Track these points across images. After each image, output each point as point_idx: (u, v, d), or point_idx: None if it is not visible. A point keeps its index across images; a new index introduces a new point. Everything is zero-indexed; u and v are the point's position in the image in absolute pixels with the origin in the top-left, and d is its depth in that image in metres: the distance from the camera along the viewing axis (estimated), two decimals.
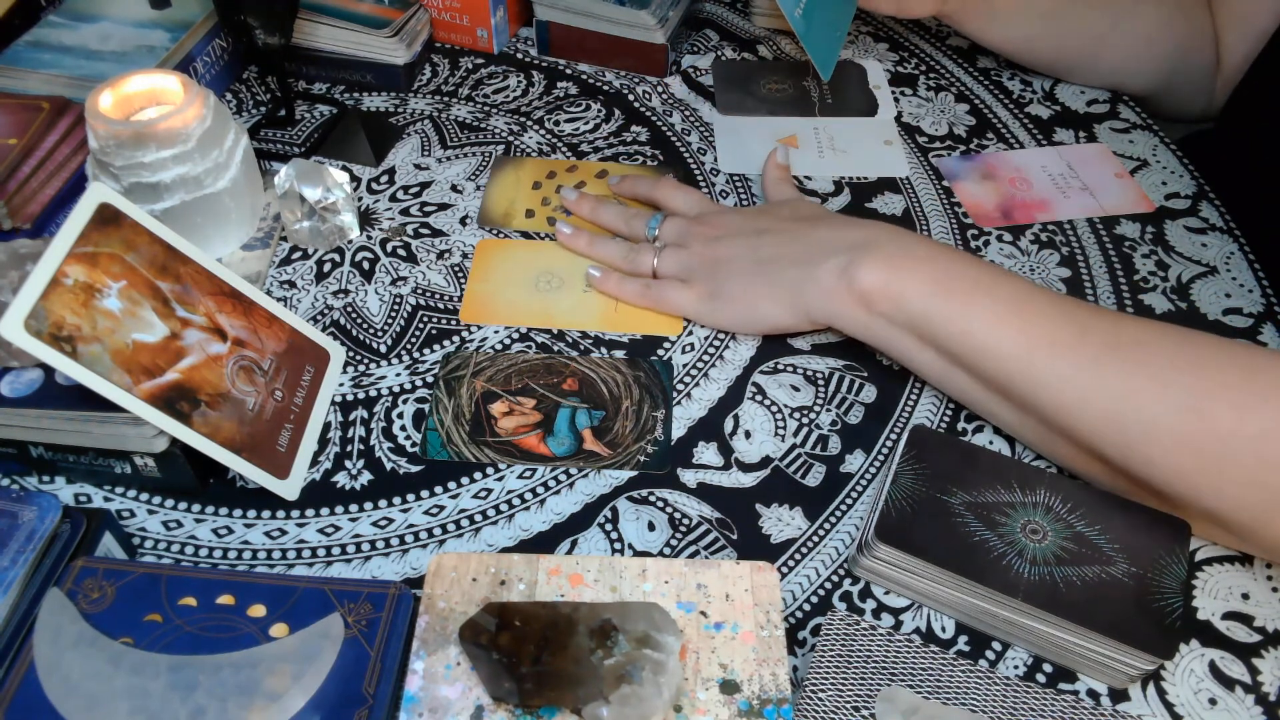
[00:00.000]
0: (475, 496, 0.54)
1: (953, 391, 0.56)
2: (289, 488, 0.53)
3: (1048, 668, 0.48)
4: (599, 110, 0.79)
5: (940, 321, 0.52)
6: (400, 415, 0.58)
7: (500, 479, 0.55)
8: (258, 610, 0.45)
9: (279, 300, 0.63)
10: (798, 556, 0.52)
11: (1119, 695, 0.47)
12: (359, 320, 0.63)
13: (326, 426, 0.57)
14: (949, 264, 0.53)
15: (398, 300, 0.64)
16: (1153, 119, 0.79)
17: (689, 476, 0.55)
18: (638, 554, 0.52)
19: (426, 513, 0.54)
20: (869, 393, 0.60)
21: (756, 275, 0.59)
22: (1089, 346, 0.49)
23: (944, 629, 0.49)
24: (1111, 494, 0.53)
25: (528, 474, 0.55)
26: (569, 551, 0.52)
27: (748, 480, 0.55)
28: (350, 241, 0.68)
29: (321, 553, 0.52)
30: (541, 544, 0.52)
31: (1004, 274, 0.53)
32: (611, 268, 0.65)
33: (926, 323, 0.53)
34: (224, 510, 0.54)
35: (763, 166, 0.72)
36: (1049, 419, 0.51)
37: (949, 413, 0.58)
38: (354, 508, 0.54)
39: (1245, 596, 0.50)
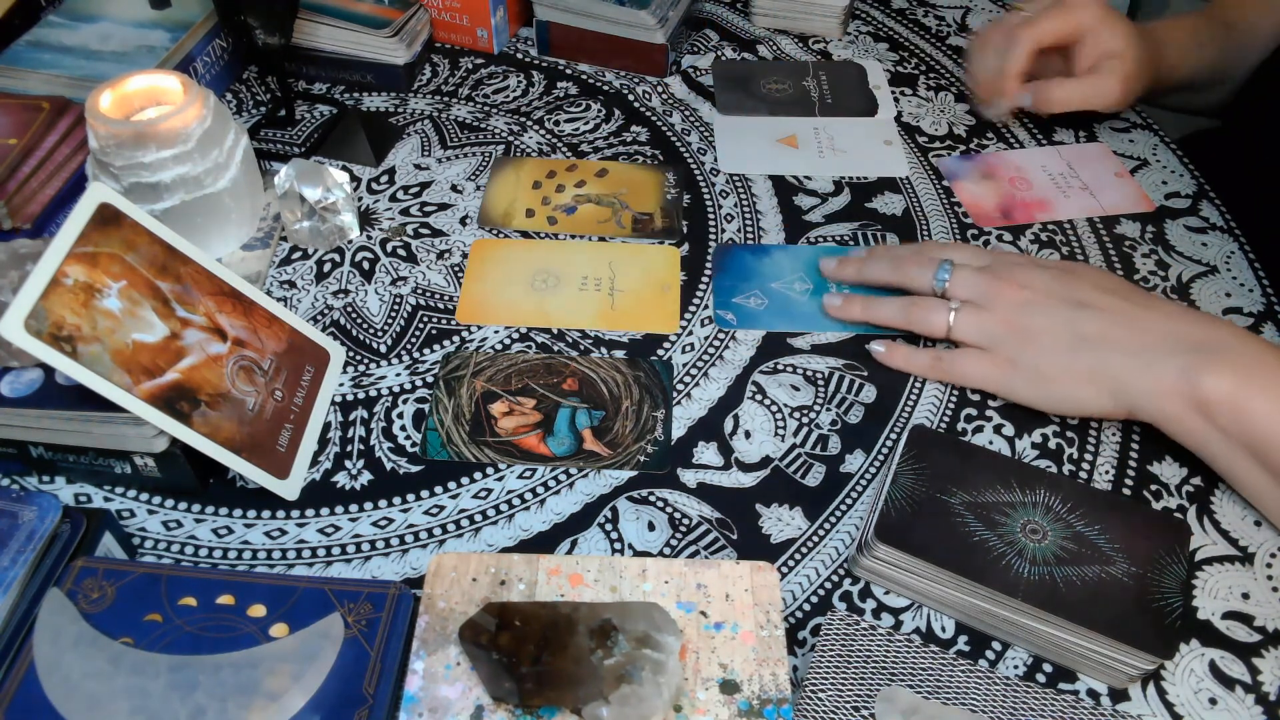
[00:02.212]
0: (475, 496, 0.54)
1: (1277, 516, 0.52)
2: (289, 488, 0.53)
3: (1048, 668, 0.48)
4: (599, 110, 0.79)
5: None
6: (400, 415, 0.58)
7: (500, 479, 0.55)
8: (258, 610, 0.45)
9: (279, 300, 0.63)
10: (798, 556, 0.52)
11: (1119, 695, 0.47)
12: (359, 320, 0.63)
13: (326, 426, 0.57)
14: None
15: (398, 300, 0.64)
16: (1166, 111, 0.79)
17: (689, 476, 0.55)
18: (638, 554, 0.52)
19: (426, 513, 0.54)
20: (869, 393, 0.60)
21: (1075, 356, 0.54)
22: None
23: (944, 629, 0.49)
24: (1111, 494, 0.53)
25: (528, 474, 0.55)
26: (569, 551, 0.52)
27: (748, 480, 0.55)
28: (350, 241, 0.68)
29: (321, 553, 0.52)
30: (541, 544, 0.52)
31: None
32: (895, 328, 0.60)
33: (1271, 442, 0.48)
34: (224, 510, 0.54)
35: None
36: None
37: (949, 413, 0.58)
38: (354, 508, 0.54)
39: (1245, 596, 0.50)
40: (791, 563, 0.52)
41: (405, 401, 0.59)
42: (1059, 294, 0.55)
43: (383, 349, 0.62)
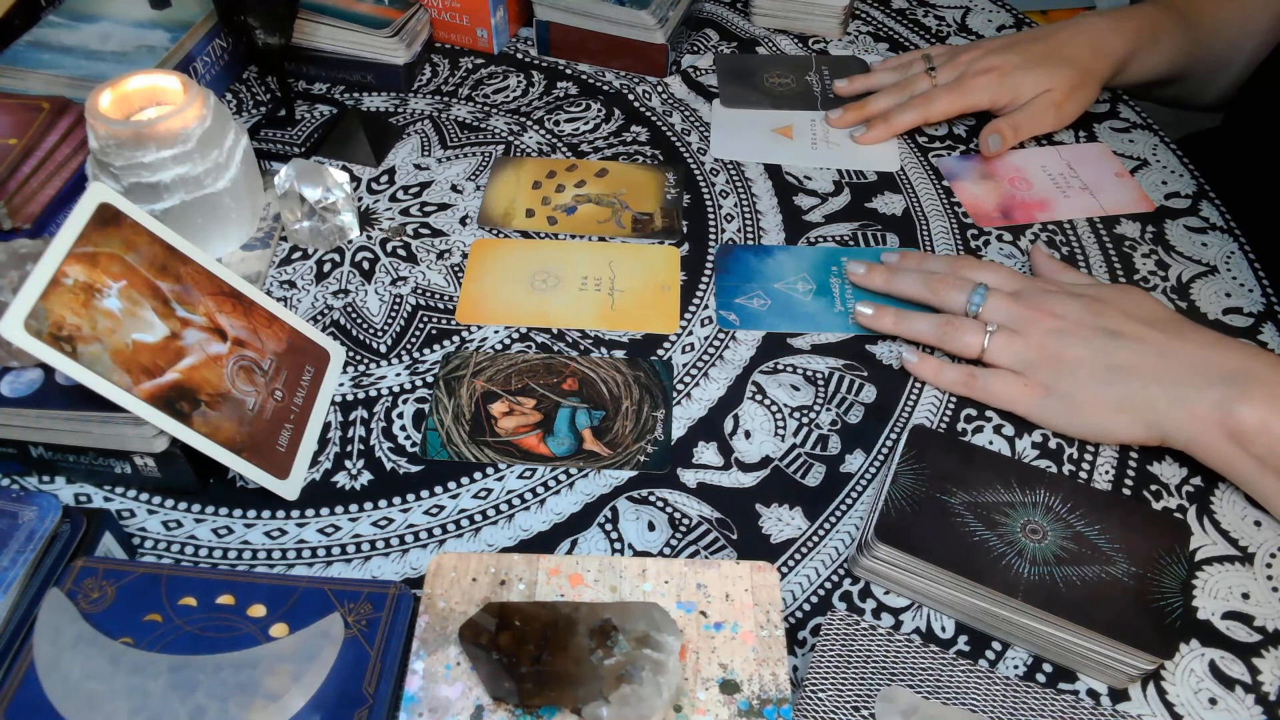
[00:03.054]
0: (475, 496, 0.54)
1: None
2: (289, 488, 0.53)
3: (1048, 668, 0.48)
4: (599, 110, 0.79)
5: None
6: (400, 415, 0.58)
7: (500, 479, 0.55)
8: (258, 610, 0.45)
9: (279, 300, 0.63)
10: (798, 556, 0.52)
11: (1119, 695, 0.47)
12: (359, 320, 0.63)
13: (326, 426, 0.57)
14: None
15: (398, 300, 0.64)
16: (1166, 107, 0.79)
17: (689, 476, 0.55)
18: (638, 554, 0.52)
19: (426, 513, 0.54)
20: (869, 393, 0.60)
21: (1109, 385, 0.54)
22: None
23: (944, 629, 0.49)
24: (1111, 494, 0.53)
25: (528, 474, 0.55)
26: (569, 551, 0.52)
27: (748, 480, 0.55)
28: (350, 241, 0.68)
29: (321, 553, 0.52)
30: (541, 544, 0.52)
31: None
32: (921, 341, 0.61)
33: None
34: (224, 510, 0.54)
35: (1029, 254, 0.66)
36: None
37: (949, 413, 0.58)
38: (354, 508, 0.54)
39: (1245, 596, 0.50)
40: (791, 563, 0.52)
41: (405, 401, 0.59)
42: (1091, 323, 0.56)
43: (383, 349, 0.62)
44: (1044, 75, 0.73)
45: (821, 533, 0.53)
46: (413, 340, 0.62)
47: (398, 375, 0.60)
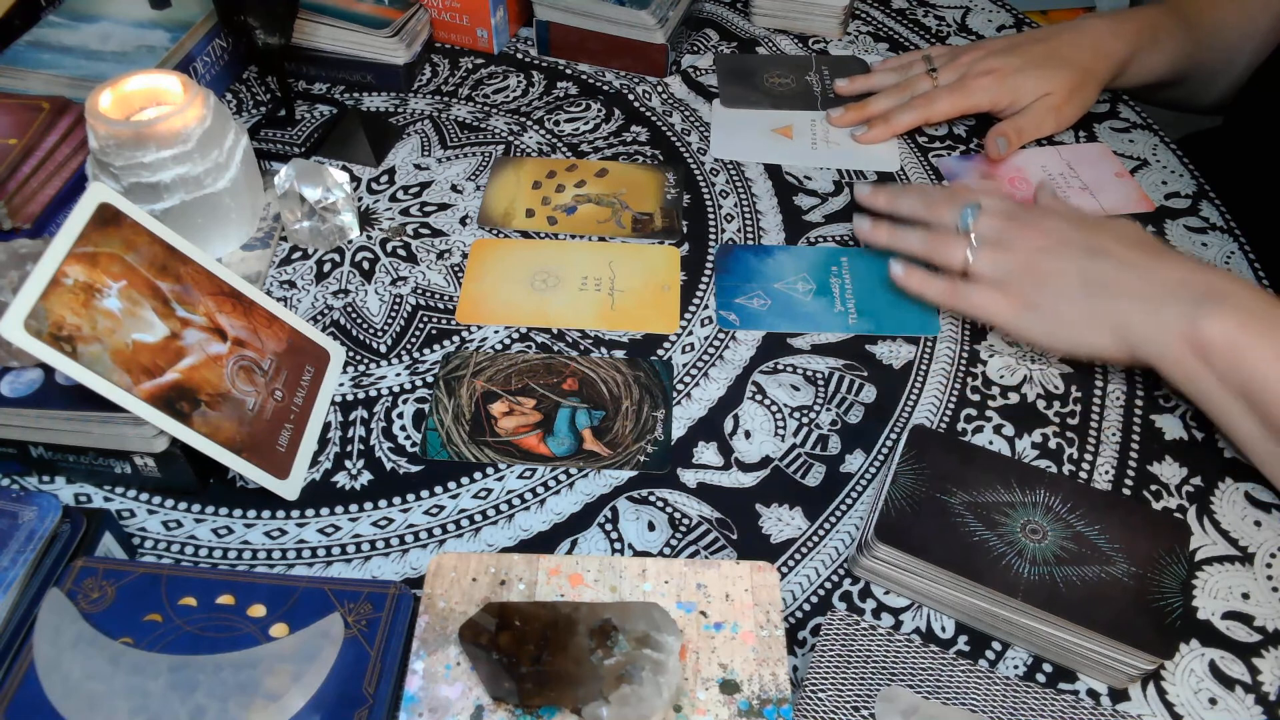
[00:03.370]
0: (475, 496, 0.54)
1: (1265, 466, 0.53)
2: (289, 488, 0.53)
3: (1048, 668, 0.48)
4: (599, 110, 0.79)
5: (1278, 393, 0.49)
6: (400, 415, 0.58)
7: (500, 479, 0.55)
8: (258, 610, 0.45)
9: (279, 300, 0.63)
10: (798, 556, 0.52)
11: (1119, 695, 0.47)
12: (359, 320, 0.63)
13: (326, 426, 0.57)
14: None
15: (398, 300, 0.64)
16: (1167, 109, 0.79)
17: (689, 476, 0.55)
18: (638, 554, 0.52)
19: (426, 513, 0.54)
20: (869, 393, 0.60)
21: (1085, 298, 0.56)
22: None
23: (944, 629, 0.49)
24: (1111, 494, 0.53)
25: (528, 474, 0.55)
26: (569, 551, 0.52)
27: (748, 480, 0.55)
28: (350, 241, 0.68)
29: (321, 553, 0.52)
30: (541, 544, 0.52)
31: None
32: (916, 257, 0.62)
33: (1263, 390, 0.50)
34: (224, 510, 0.54)
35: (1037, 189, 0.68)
36: None
37: (949, 413, 0.58)
38: (354, 508, 0.54)
39: (1245, 596, 0.50)
40: (791, 563, 0.52)
41: (405, 401, 0.59)
42: (1077, 242, 0.57)
43: (383, 349, 0.62)
44: (1044, 78, 0.74)
45: (821, 533, 0.53)
46: (413, 340, 0.62)
47: (398, 375, 0.60)
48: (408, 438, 0.57)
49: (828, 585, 0.51)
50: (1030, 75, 0.74)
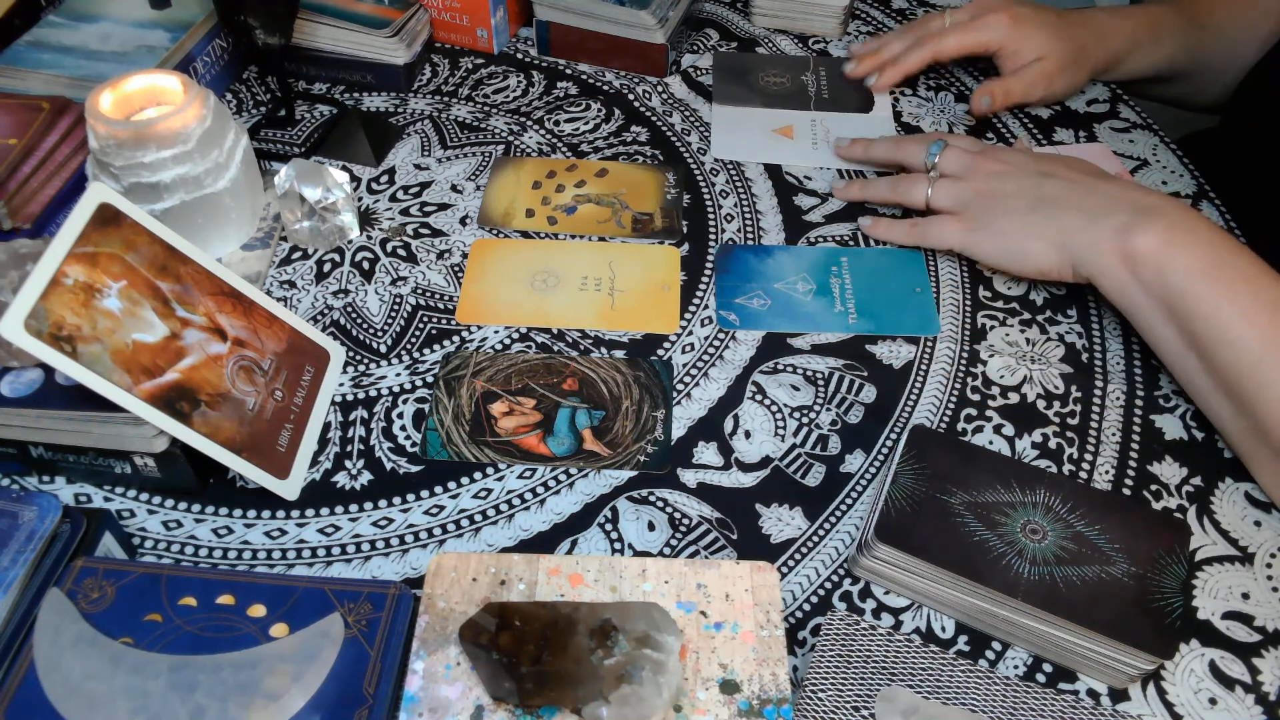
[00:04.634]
0: (475, 496, 0.54)
1: (1180, 376, 0.56)
2: (289, 488, 0.53)
3: (1048, 668, 0.48)
4: (599, 110, 0.79)
5: (1194, 300, 0.52)
6: (400, 415, 0.58)
7: (500, 479, 0.55)
8: (258, 610, 0.45)
9: (279, 300, 0.63)
10: (798, 556, 0.52)
11: (1119, 695, 0.47)
12: (359, 320, 0.63)
13: (326, 426, 0.57)
14: (1225, 250, 0.53)
15: (398, 300, 0.64)
16: (1165, 105, 0.80)
17: (689, 476, 0.55)
18: (638, 554, 0.52)
19: (426, 513, 0.54)
20: (869, 393, 0.60)
21: (1032, 213, 0.60)
22: None
23: (944, 629, 0.49)
24: (1111, 494, 0.53)
25: (528, 474, 0.55)
26: (569, 551, 0.52)
27: (748, 480, 0.55)
28: (350, 241, 0.68)
29: (321, 553, 0.52)
30: (541, 544, 0.52)
31: (1277, 279, 0.52)
32: (881, 203, 0.66)
33: (1181, 298, 0.53)
34: (224, 510, 0.54)
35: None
36: (1264, 426, 0.51)
37: (949, 413, 0.59)
38: (354, 508, 0.54)
39: (1245, 596, 0.50)
40: (791, 563, 0.52)
41: (405, 401, 0.59)
42: (1030, 168, 0.62)
43: (383, 349, 0.62)
44: (1047, 40, 0.75)
45: (821, 533, 0.53)
46: (413, 340, 0.62)
47: (398, 375, 0.60)
48: (408, 438, 0.57)
49: (828, 585, 0.51)
50: (1038, 31, 0.75)
